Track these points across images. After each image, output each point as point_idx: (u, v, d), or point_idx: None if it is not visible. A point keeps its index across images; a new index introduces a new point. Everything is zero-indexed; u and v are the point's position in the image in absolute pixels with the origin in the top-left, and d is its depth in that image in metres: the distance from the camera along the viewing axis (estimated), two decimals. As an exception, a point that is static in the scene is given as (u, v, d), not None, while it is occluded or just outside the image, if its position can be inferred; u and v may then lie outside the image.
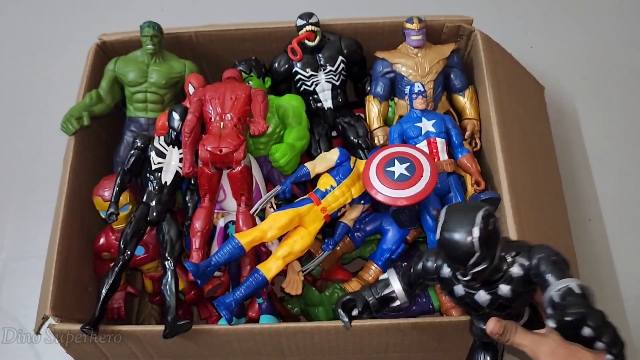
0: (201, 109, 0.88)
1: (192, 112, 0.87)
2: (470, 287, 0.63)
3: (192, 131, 0.86)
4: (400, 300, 0.73)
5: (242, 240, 0.83)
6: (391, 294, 0.73)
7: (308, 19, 0.97)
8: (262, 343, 0.83)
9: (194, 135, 0.86)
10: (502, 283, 0.62)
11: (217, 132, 0.85)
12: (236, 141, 0.84)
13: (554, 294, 0.58)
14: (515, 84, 1.01)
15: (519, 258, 0.62)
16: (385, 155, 0.83)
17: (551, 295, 0.58)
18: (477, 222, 0.56)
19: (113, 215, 0.85)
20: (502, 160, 0.87)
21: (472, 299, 0.64)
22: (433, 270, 0.67)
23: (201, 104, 0.88)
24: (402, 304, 0.73)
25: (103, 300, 0.81)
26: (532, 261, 0.61)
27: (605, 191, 1.17)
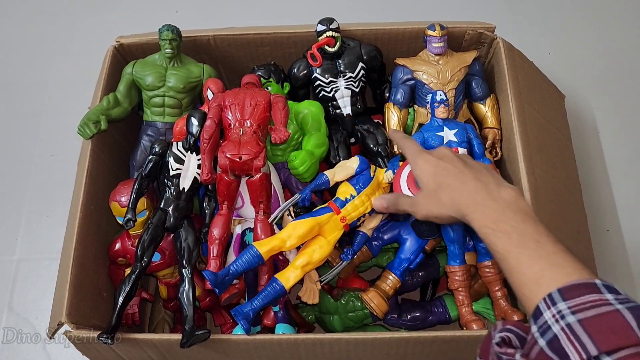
0: (220, 114, 0.87)
1: (211, 117, 0.86)
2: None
3: (211, 137, 0.85)
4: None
5: (261, 250, 0.82)
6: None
7: (329, 25, 0.96)
8: (279, 352, 0.83)
9: (212, 142, 0.85)
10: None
11: (236, 139, 0.84)
12: (256, 148, 0.83)
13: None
14: (536, 92, 1.00)
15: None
16: None
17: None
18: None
19: (130, 222, 0.84)
20: (524, 171, 0.86)
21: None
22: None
23: (220, 110, 0.87)
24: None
25: (120, 308, 0.81)
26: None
27: (624, 202, 1.16)
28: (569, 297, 0.50)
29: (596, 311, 0.48)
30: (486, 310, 0.96)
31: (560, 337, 0.48)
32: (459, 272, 0.87)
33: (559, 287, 0.51)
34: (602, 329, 0.47)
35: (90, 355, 0.87)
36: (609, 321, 0.47)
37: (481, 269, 0.87)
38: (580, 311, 0.48)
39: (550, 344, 0.49)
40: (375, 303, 0.88)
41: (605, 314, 0.48)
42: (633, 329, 0.46)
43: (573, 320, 0.48)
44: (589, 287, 0.50)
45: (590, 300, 0.49)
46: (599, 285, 0.50)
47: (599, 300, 0.49)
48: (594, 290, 0.50)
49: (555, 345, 0.48)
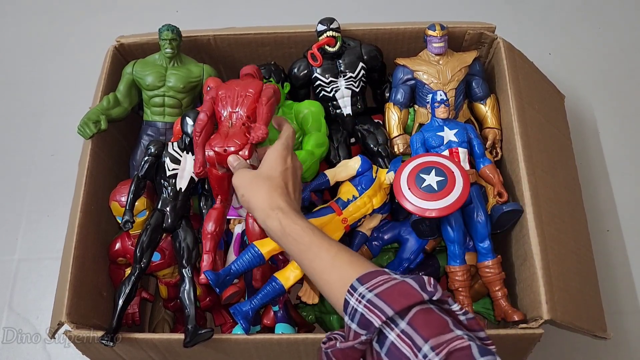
0: (213, 108, 0.84)
1: (204, 111, 0.83)
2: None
3: (203, 130, 0.82)
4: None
5: (263, 250, 0.82)
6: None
7: (329, 25, 0.96)
8: (279, 352, 0.83)
9: (204, 135, 0.82)
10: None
11: (224, 132, 0.81)
12: (242, 140, 0.79)
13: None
14: (536, 92, 1.00)
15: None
16: (418, 164, 0.82)
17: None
18: None
19: (128, 223, 0.84)
20: (524, 171, 0.86)
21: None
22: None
23: (213, 103, 0.84)
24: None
25: (120, 309, 0.81)
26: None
27: (623, 202, 1.16)
28: (366, 281, 0.59)
29: (388, 284, 0.58)
30: (486, 310, 0.96)
31: (364, 312, 0.57)
32: (459, 272, 0.87)
33: (357, 277, 0.61)
34: (393, 294, 0.57)
35: (90, 355, 0.87)
36: (398, 288, 0.57)
37: (481, 269, 0.88)
38: (376, 288, 0.58)
39: (359, 322, 0.57)
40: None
41: (394, 284, 0.58)
42: (417, 290, 0.57)
43: (371, 295, 0.57)
44: (379, 272, 0.61)
45: (382, 279, 0.59)
46: (387, 271, 0.61)
47: (388, 278, 0.59)
48: (384, 273, 0.61)
49: (362, 322, 0.57)
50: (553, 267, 0.80)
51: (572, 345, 1.01)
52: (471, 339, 0.52)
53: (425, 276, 0.59)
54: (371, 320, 0.56)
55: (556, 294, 0.78)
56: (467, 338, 0.52)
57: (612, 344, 0.98)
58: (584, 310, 0.83)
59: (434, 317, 0.55)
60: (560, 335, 0.92)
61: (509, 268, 0.89)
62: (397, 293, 0.56)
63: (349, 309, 0.59)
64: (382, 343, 0.56)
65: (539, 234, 0.81)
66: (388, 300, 0.56)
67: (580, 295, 0.83)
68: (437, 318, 0.55)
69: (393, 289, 0.57)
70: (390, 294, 0.57)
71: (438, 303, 0.57)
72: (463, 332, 0.53)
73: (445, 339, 0.52)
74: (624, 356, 1.02)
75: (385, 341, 0.55)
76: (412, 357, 0.52)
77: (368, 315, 0.56)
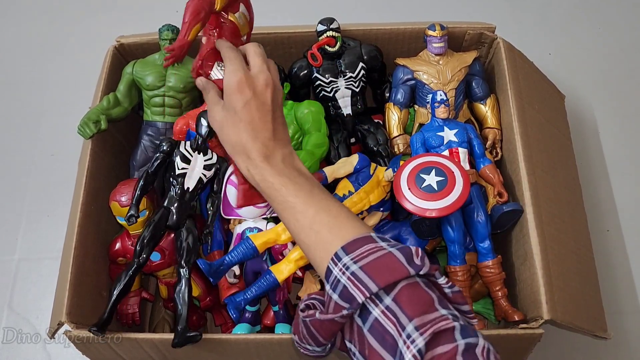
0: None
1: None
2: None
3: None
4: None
5: (256, 242, 0.84)
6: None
7: (329, 25, 0.96)
8: (279, 352, 0.83)
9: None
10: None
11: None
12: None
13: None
14: (536, 92, 1.00)
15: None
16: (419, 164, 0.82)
17: None
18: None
19: (133, 218, 0.85)
20: (525, 171, 0.86)
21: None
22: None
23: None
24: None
25: (114, 302, 0.81)
26: None
27: (624, 202, 1.16)
28: (351, 251, 0.56)
29: (373, 256, 0.55)
30: (486, 310, 0.96)
31: (347, 285, 0.54)
32: (460, 272, 0.87)
33: (342, 245, 0.57)
34: (379, 269, 0.54)
35: (90, 355, 0.87)
36: (384, 262, 0.54)
37: (481, 269, 0.88)
38: (360, 259, 0.55)
39: (341, 294, 0.55)
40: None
41: (380, 257, 0.55)
42: (403, 264, 0.54)
43: (356, 268, 0.54)
44: (366, 239, 0.57)
45: (368, 249, 0.56)
46: (374, 237, 0.58)
47: (374, 248, 0.56)
48: (371, 241, 0.57)
49: (345, 294, 0.54)
50: (553, 267, 0.80)
51: (572, 345, 1.01)
52: (455, 319, 0.52)
53: (412, 247, 0.56)
54: (354, 295, 0.53)
55: (556, 294, 0.78)
56: (451, 318, 0.51)
57: (612, 344, 0.98)
58: (584, 310, 0.83)
59: (419, 293, 0.53)
60: (560, 335, 0.92)
61: (509, 268, 0.89)
62: (382, 267, 0.54)
63: (331, 278, 0.56)
64: (365, 318, 0.54)
65: (539, 234, 0.81)
66: (373, 275, 0.53)
67: (580, 295, 0.83)
68: (422, 294, 0.53)
69: (379, 261, 0.54)
70: (375, 267, 0.54)
71: (425, 276, 0.56)
72: (447, 310, 0.52)
73: (430, 318, 0.51)
74: (624, 356, 1.02)
75: (368, 317, 0.54)
76: (396, 335, 0.51)
77: (351, 289, 0.54)
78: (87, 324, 0.81)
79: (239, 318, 0.86)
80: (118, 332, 0.81)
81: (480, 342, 0.50)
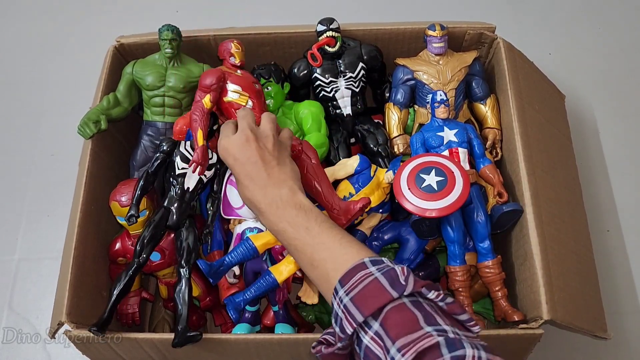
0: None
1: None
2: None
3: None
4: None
5: (256, 243, 0.84)
6: None
7: (329, 25, 0.96)
8: (279, 352, 0.83)
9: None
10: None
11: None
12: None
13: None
14: (536, 92, 1.00)
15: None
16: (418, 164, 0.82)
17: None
18: None
19: (133, 217, 0.85)
20: (524, 171, 0.86)
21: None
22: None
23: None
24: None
25: (114, 301, 0.81)
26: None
27: (624, 202, 1.16)
28: (345, 283, 0.58)
29: (361, 285, 0.57)
30: (486, 310, 0.96)
31: (342, 318, 0.57)
32: (460, 272, 0.87)
33: (339, 278, 0.60)
34: (365, 298, 0.56)
35: (90, 355, 0.87)
36: (370, 290, 0.56)
37: (481, 270, 0.88)
38: (351, 290, 0.57)
39: (340, 327, 0.57)
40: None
41: (367, 285, 0.56)
42: (386, 289, 0.55)
43: (347, 300, 0.57)
44: (358, 267, 0.59)
45: (358, 278, 0.58)
46: (366, 263, 0.59)
47: (364, 275, 0.58)
48: (362, 267, 0.59)
49: (341, 326, 0.57)
50: (553, 267, 0.80)
51: (572, 345, 1.01)
52: (441, 334, 0.51)
53: (398, 267, 0.58)
54: (345, 327, 0.56)
55: (556, 294, 0.78)
56: (435, 334, 0.51)
57: (612, 344, 0.98)
58: (584, 310, 0.83)
59: (404, 314, 0.54)
60: (560, 335, 0.92)
61: (509, 268, 0.89)
62: (368, 295, 0.56)
63: (334, 313, 0.60)
64: (360, 346, 0.56)
65: (539, 234, 0.81)
66: (359, 305, 0.56)
67: (580, 295, 0.83)
68: (407, 315, 0.54)
69: (365, 290, 0.56)
70: (362, 297, 0.56)
71: (412, 296, 0.56)
72: (433, 327, 0.52)
73: (413, 338, 0.51)
74: (624, 356, 1.02)
75: (361, 345, 0.56)
76: (384, 359, 0.52)
77: (344, 321, 0.57)
78: (87, 324, 0.81)
79: (238, 318, 0.86)
80: (118, 332, 0.81)
81: (469, 352, 0.50)
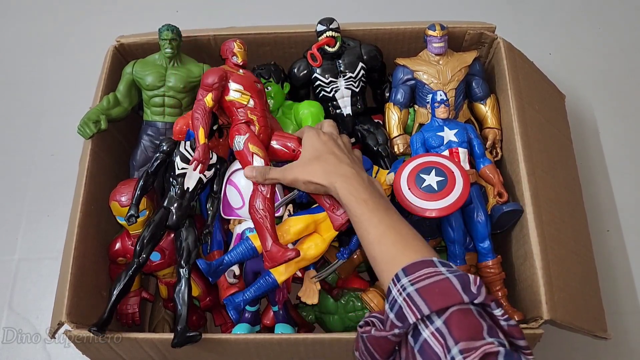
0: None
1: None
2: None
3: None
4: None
5: (256, 242, 0.84)
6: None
7: (328, 25, 0.96)
8: (279, 352, 0.83)
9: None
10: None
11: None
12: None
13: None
14: (536, 92, 1.00)
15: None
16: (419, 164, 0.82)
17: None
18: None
19: (133, 217, 0.84)
20: (525, 171, 0.86)
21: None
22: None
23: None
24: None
25: (114, 302, 0.81)
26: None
27: (624, 202, 1.16)
28: (410, 273, 0.59)
29: (430, 280, 0.57)
30: (486, 310, 0.96)
31: (402, 305, 0.57)
32: (459, 272, 0.86)
33: (403, 267, 0.60)
34: (433, 293, 0.55)
35: (90, 355, 0.87)
36: (440, 287, 0.56)
37: (481, 269, 0.88)
38: (418, 282, 0.57)
39: (397, 314, 0.57)
40: (375, 303, 0.88)
41: (437, 281, 0.56)
42: (458, 291, 0.55)
43: (412, 289, 0.57)
44: (426, 263, 0.60)
45: (426, 273, 0.58)
46: (435, 262, 0.60)
47: (433, 272, 0.58)
48: (431, 265, 0.59)
49: (399, 314, 0.57)
50: (553, 267, 0.80)
51: (572, 345, 1.01)
52: (501, 345, 0.51)
53: (471, 275, 0.57)
54: (407, 315, 0.56)
55: (556, 294, 0.78)
56: (497, 344, 0.51)
57: (612, 344, 0.98)
58: (584, 310, 0.83)
59: (470, 319, 0.54)
60: (560, 335, 0.92)
61: (509, 268, 0.89)
62: (437, 291, 0.56)
63: (390, 298, 0.59)
64: (416, 339, 0.56)
65: (539, 234, 0.81)
66: (427, 298, 0.55)
67: (580, 295, 0.83)
68: (473, 321, 0.54)
69: (435, 285, 0.56)
70: (430, 291, 0.56)
71: (480, 306, 0.56)
72: (495, 338, 0.52)
73: (476, 345, 0.51)
74: (624, 356, 1.02)
75: (419, 337, 0.55)
76: (442, 357, 0.52)
77: (405, 310, 0.56)
78: (87, 324, 0.81)
79: (238, 318, 0.86)
80: (118, 332, 0.81)
81: None
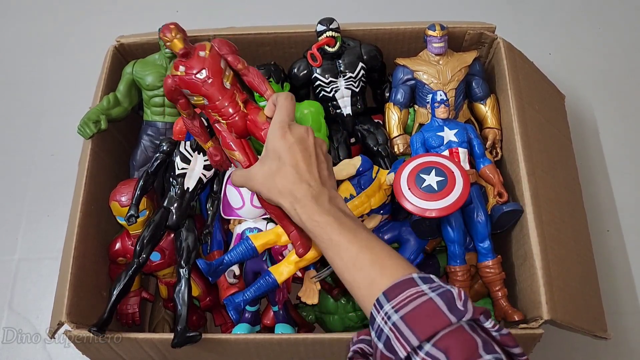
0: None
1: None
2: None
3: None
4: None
5: (256, 242, 0.84)
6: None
7: (328, 25, 0.96)
8: (279, 352, 0.83)
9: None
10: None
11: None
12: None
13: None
14: (536, 92, 1.00)
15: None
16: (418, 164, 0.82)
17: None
18: None
19: (133, 218, 0.85)
20: (524, 171, 0.86)
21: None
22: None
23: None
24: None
25: (113, 302, 0.81)
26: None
27: (624, 202, 1.16)
28: (392, 297, 0.55)
29: (414, 304, 0.53)
30: (486, 310, 0.96)
31: (390, 336, 0.53)
32: (460, 272, 0.87)
33: (384, 291, 0.56)
34: (420, 318, 0.52)
35: (90, 355, 0.87)
36: (425, 310, 0.52)
37: (481, 269, 0.88)
38: (401, 308, 0.53)
39: (385, 345, 0.54)
40: (375, 303, 0.88)
41: (421, 304, 0.53)
42: (444, 312, 0.52)
43: (397, 318, 0.53)
44: (407, 282, 0.55)
45: (408, 296, 0.54)
46: (415, 279, 0.56)
47: (415, 294, 0.54)
48: (412, 284, 0.55)
49: (388, 345, 0.53)
50: (553, 267, 0.80)
51: (572, 345, 1.01)
52: None
53: (454, 289, 0.54)
54: (396, 349, 0.53)
55: (556, 294, 0.78)
56: None
57: (612, 344, 0.98)
58: (584, 310, 0.83)
59: (463, 338, 0.51)
60: (560, 335, 0.92)
61: (509, 268, 0.89)
62: (423, 316, 0.52)
63: (375, 326, 0.56)
64: None
65: (539, 234, 0.81)
66: (414, 327, 0.52)
67: (580, 295, 0.83)
68: (466, 340, 0.51)
69: (419, 310, 0.53)
70: (416, 317, 0.52)
71: (470, 320, 0.54)
72: (492, 355, 0.50)
73: None
74: (624, 356, 1.02)
75: None
76: None
77: (394, 341, 0.53)
78: (87, 324, 0.81)
79: (238, 318, 0.86)
80: (118, 332, 0.81)
81: None
